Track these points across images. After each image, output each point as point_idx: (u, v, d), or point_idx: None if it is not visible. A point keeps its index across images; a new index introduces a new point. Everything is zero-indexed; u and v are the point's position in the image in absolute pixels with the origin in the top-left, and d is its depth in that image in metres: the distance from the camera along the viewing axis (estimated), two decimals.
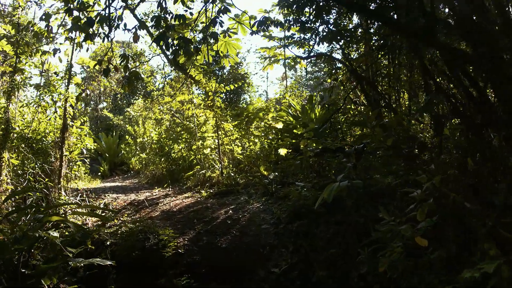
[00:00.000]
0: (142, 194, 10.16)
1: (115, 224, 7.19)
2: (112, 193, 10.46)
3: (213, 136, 11.15)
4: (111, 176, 19.93)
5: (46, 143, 8.39)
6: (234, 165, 10.70)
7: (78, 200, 8.41)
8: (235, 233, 6.12)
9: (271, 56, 14.26)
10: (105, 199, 9.14)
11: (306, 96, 18.49)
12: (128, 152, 19.06)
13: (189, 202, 8.29)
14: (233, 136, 10.80)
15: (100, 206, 8.44)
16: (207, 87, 10.14)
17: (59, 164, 7.79)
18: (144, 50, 18.11)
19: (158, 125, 16.89)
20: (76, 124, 8.50)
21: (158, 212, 7.69)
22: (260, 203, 7.43)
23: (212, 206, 7.61)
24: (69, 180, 8.80)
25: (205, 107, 10.82)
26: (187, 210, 7.53)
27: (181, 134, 12.61)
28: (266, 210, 6.97)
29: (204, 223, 6.61)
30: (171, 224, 6.77)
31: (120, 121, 23.50)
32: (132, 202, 8.86)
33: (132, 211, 8.08)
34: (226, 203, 7.82)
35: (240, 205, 7.50)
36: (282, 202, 7.21)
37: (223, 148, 10.81)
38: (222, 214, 7.01)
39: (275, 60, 14.41)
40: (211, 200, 8.30)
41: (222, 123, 10.48)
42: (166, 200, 8.74)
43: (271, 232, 6.09)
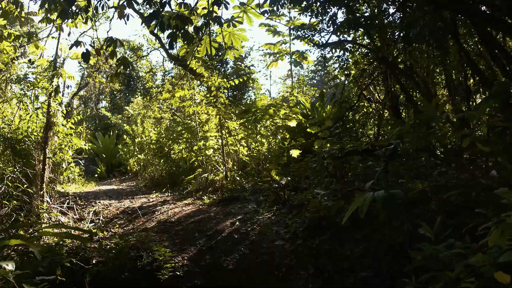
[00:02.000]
0: (137, 200, 9.23)
1: (104, 237, 6.27)
2: (105, 198, 9.55)
3: (216, 136, 10.24)
4: (108, 178, 19.04)
5: (29, 144, 7.48)
6: (239, 167, 9.78)
7: (64, 208, 7.49)
8: (243, 251, 5.19)
9: (276, 53, 13.37)
10: (95, 206, 8.21)
11: (314, 94, 17.60)
12: (126, 153, 18.14)
13: (190, 211, 7.36)
14: (238, 135, 9.88)
15: (89, 215, 7.53)
16: (210, 81, 9.22)
17: (41, 167, 6.86)
18: (142, 44, 17.25)
19: (157, 124, 15.99)
20: (62, 122, 7.57)
21: (154, 223, 6.77)
22: (271, 213, 6.51)
23: (216, 216, 6.68)
24: (55, 184, 7.86)
25: (207, 104, 9.91)
26: (187, 221, 6.61)
27: (182, 134, 11.70)
28: (279, 221, 6.04)
29: (206, 238, 5.68)
30: (169, 238, 5.85)
31: (118, 120, 22.60)
32: (125, 210, 7.94)
33: (125, 220, 7.16)
34: (232, 212, 6.90)
35: (248, 215, 6.57)
36: (297, 212, 6.29)
37: (227, 149, 9.90)
38: (227, 226, 6.08)
39: (280, 57, 13.52)
40: (214, 208, 7.38)
41: (226, 121, 9.56)
42: (163, 208, 7.82)
43: (287, 249, 5.16)
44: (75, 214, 7.50)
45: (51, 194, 7.68)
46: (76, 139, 7.86)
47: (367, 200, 4.41)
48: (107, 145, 20.34)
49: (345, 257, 4.84)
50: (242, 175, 9.12)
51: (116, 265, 5.07)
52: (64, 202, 7.87)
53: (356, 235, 5.15)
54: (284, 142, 8.07)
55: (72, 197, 8.58)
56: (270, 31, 12.37)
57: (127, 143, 17.88)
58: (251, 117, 7.89)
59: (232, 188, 8.68)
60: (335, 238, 5.16)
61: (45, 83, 7.24)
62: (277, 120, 10.25)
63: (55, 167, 7.71)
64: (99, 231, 6.52)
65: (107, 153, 20.21)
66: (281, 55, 13.18)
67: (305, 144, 8.37)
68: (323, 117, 9.94)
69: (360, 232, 5.16)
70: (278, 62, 13.29)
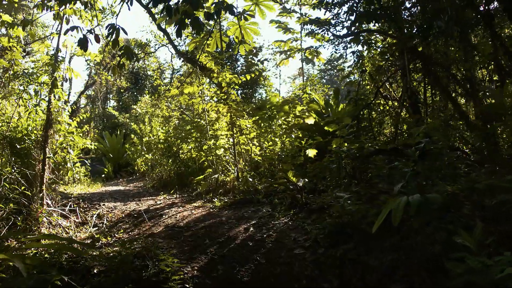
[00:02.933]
0: (144, 202, 8.81)
1: (107, 243, 5.84)
2: (110, 200, 9.14)
3: (227, 135, 9.78)
4: (115, 179, 18.70)
5: (29, 143, 7.08)
6: (251, 168, 9.32)
7: (66, 211, 7.07)
8: (259, 260, 4.72)
9: (287, 50, 12.97)
10: (99, 209, 7.79)
11: (327, 91, 17.12)
12: (134, 153, 17.77)
13: (200, 215, 6.91)
14: (250, 134, 9.41)
15: (93, 218, 7.11)
16: (220, 77, 8.76)
17: (41, 168, 6.44)
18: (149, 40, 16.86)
19: (165, 123, 15.58)
20: (66, 120, 7.15)
21: (161, 228, 6.33)
22: (288, 218, 6.03)
23: (228, 221, 6.22)
24: (58, 186, 7.46)
25: (217, 101, 9.45)
26: (197, 226, 6.15)
27: (191, 133, 11.27)
28: (297, 227, 5.56)
29: (218, 245, 5.21)
30: (177, 245, 5.39)
31: (126, 119, 22.26)
32: (131, 213, 7.51)
33: (130, 225, 6.73)
34: (245, 216, 6.43)
35: (262, 219, 6.10)
36: (316, 216, 5.81)
37: (238, 148, 9.44)
38: (241, 232, 5.61)
39: (292, 53, 13.09)
40: (226, 212, 6.92)
41: (238, 119, 9.10)
42: (171, 211, 7.37)
43: (307, 259, 4.67)
44: (78, 217, 7.09)
45: (53, 196, 7.28)
46: (78, 138, 7.45)
47: (401, 205, 3.94)
48: (114, 145, 19.99)
49: (373, 269, 4.35)
50: (255, 176, 8.65)
51: (119, 276, 4.62)
52: (66, 205, 7.45)
53: (384, 243, 4.67)
54: (301, 141, 7.58)
55: (75, 199, 8.17)
56: (281, 27, 11.92)
57: (135, 143, 17.52)
58: (265, 115, 7.42)
59: (244, 190, 8.22)
60: (361, 247, 4.68)
61: (45, 78, 6.82)
62: (289, 119, 9.78)
63: (58, 167, 7.29)
64: (102, 237, 6.10)
65: (114, 153, 19.86)
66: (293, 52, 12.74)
67: (320, 143, 7.92)
68: (338, 115, 9.45)
69: (388, 240, 4.69)
70: (289, 60, 12.87)
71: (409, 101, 9.76)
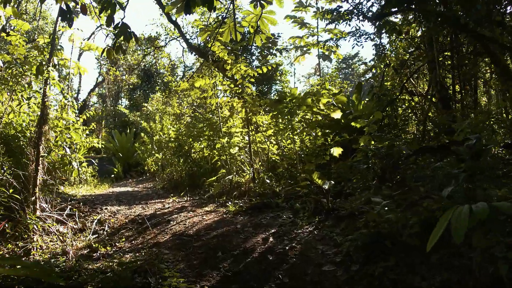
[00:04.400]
0: (151, 205, 8.14)
1: (106, 254, 5.18)
2: (114, 203, 8.49)
3: (242, 132, 9.08)
4: (125, 179, 18.16)
5: (25, 141, 6.47)
6: (268, 168, 8.60)
7: (64, 216, 6.43)
8: (282, 279, 3.99)
9: (303, 46, 12.31)
10: (101, 213, 7.14)
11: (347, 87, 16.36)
12: (144, 152, 17.16)
13: (212, 221, 6.21)
14: (267, 131, 8.69)
15: (93, 224, 6.45)
16: (234, 68, 8.05)
17: (34, 168, 5.81)
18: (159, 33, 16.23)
19: (177, 121, 14.94)
20: (61, 115, 6.51)
21: (168, 236, 5.64)
22: (313, 226, 5.29)
23: (244, 229, 5.50)
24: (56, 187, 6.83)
25: (232, 95, 8.76)
26: (209, 234, 5.44)
27: (203, 131, 10.60)
28: (324, 237, 4.83)
29: (233, 259, 4.50)
30: (185, 258, 4.70)
31: (136, 117, 21.68)
32: (135, 218, 6.84)
33: (134, 232, 6.06)
34: (263, 223, 5.71)
35: (283, 228, 5.37)
36: (346, 225, 5.07)
37: (254, 147, 8.72)
38: (259, 243, 4.89)
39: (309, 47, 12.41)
40: (241, 218, 6.20)
41: (254, 115, 8.39)
42: (180, 217, 6.69)
43: (339, 278, 3.93)
44: (76, 223, 6.45)
45: (50, 199, 6.65)
46: (75, 135, 6.81)
47: (463, 215, 3.15)
48: (123, 144, 19.42)
49: None
50: (272, 177, 7.93)
51: None
52: (65, 209, 6.83)
53: (431, 260, 3.93)
54: (327, 137, 6.84)
55: (75, 202, 7.55)
56: (297, 22, 11.24)
57: (145, 142, 16.93)
58: (285, 109, 6.69)
59: (261, 193, 7.51)
60: (403, 264, 3.94)
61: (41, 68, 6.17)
62: (307, 116, 9.04)
63: (55, 167, 6.66)
64: (101, 246, 5.43)
65: (123, 152, 19.30)
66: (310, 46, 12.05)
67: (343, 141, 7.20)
68: (361, 111, 8.70)
69: (435, 255, 3.95)
70: (305, 56, 12.22)
71: (438, 95, 9.03)
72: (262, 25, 9.65)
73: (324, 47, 12.86)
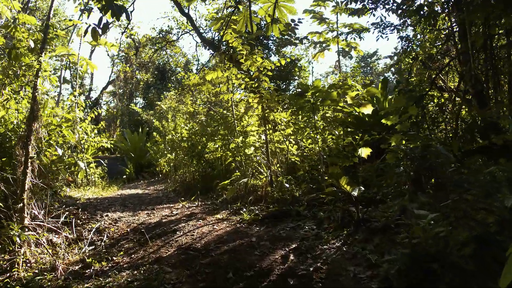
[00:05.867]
0: (158, 211, 7.47)
1: (100, 270, 4.51)
2: (117, 209, 7.84)
3: (258, 131, 8.35)
4: (136, 180, 17.60)
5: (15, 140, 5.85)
6: (287, 170, 7.85)
7: (59, 224, 5.80)
8: None
9: (322, 42, 11.59)
10: (101, 221, 6.48)
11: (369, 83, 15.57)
12: (156, 152, 16.56)
13: (223, 231, 5.49)
14: (285, 130, 7.94)
15: (90, 233, 5.80)
16: (249, 60, 7.32)
17: (22, 170, 5.16)
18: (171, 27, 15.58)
19: (191, 120, 14.29)
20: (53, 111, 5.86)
21: (172, 249, 4.94)
22: (341, 240, 4.53)
23: (260, 243, 4.76)
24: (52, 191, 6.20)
25: (247, 89, 8.04)
26: (219, 249, 4.72)
27: (218, 130, 9.92)
28: (355, 256, 4.06)
29: (246, 282, 3.76)
30: (189, 280, 3.98)
31: (149, 116, 21.11)
32: (138, 227, 6.17)
33: (135, 244, 5.37)
34: (282, 236, 4.97)
35: (306, 242, 4.62)
36: (380, 240, 4.30)
37: (272, 147, 7.98)
38: (277, 261, 4.15)
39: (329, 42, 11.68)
40: (257, 229, 5.47)
41: (271, 112, 7.65)
42: (189, 226, 5.99)
43: None
44: (72, 232, 5.80)
45: (45, 204, 6.03)
46: (68, 133, 6.14)
47: None
48: (135, 144, 18.86)
49: None
50: (292, 181, 7.18)
51: None
52: (62, 215, 6.20)
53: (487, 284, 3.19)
54: (355, 137, 6.07)
55: (74, 208, 6.91)
56: (316, 18, 10.54)
57: (157, 141, 16.33)
58: (308, 103, 5.93)
59: (279, 198, 6.77)
60: None
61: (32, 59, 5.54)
62: (328, 114, 8.27)
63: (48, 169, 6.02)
64: (96, 261, 4.77)
65: (135, 152, 18.74)
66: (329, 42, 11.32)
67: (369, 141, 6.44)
68: (388, 109, 7.91)
69: (494, 278, 3.16)
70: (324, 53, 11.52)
71: (473, 91, 8.22)
72: (280, 14, 8.92)
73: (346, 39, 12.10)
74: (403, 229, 4.43)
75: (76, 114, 11.91)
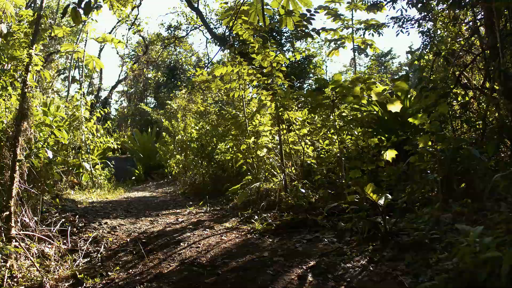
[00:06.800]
0: (163, 218, 6.97)
1: None
2: (120, 214, 7.37)
3: (271, 131, 7.80)
4: (145, 181, 17.17)
5: None
6: (302, 174, 7.28)
7: (53, 233, 5.31)
8: None
9: (337, 39, 11.08)
10: (99, 229, 5.98)
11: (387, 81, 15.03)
12: (165, 153, 16.11)
13: (232, 243, 4.95)
14: (301, 130, 7.38)
15: (86, 243, 5.31)
16: (261, 53, 6.78)
17: (10, 175, 4.68)
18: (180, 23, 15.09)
19: (201, 119, 13.82)
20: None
21: (174, 264, 4.42)
22: (366, 257, 3.95)
23: (273, 258, 4.20)
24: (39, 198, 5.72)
25: (259, 86, 7.50)
26: (226, 265, 4.17)
27: (229, 130, 9.41)
28: (385, 278, 3.48)
29: None
30: None
31: (159, 116, 20.66)
32: (139, 236, 5.66)
33: (134, 256, 4.86)
34: (298, 250, 4.41)
35: (326, 258, 4.04)
36: (413, 258, 3.70)
37: (286, 148, 7.43)
38: (293, 283, 3.58)
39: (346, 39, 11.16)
40: (269, 241, 4.92)
41: (285, 110, 7.09)
42: (194, 236, 5.46)
43: None
44: (67, 242, 5.31)
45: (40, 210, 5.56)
46: (60, 133, 5.64)
47: None
48: (144, 144, 18.43)
49: None
50: (308, 186, 6.62)
51: None
52: (57, 222, 5.72)
53: None
54: (382, 137, 5.49)
55: (71, 215, 6.43)
56: (330, 14, 10.02)
57: (167, 142, 15.88)
58: (328, 100, 5.36)
59: (294, 205, 6.22)
60: None
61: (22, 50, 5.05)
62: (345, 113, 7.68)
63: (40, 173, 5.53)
64: (89, 276, 4.25)
65: (144, 153, 18.31)
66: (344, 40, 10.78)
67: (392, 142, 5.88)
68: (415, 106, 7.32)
69: None
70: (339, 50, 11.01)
71: (502, 87, 7.60)
72: (294, 6, 8.37)
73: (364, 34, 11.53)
74: (438, 245, 3.84)
75: (81, 113, 11.51)
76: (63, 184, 10.13)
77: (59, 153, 10.29)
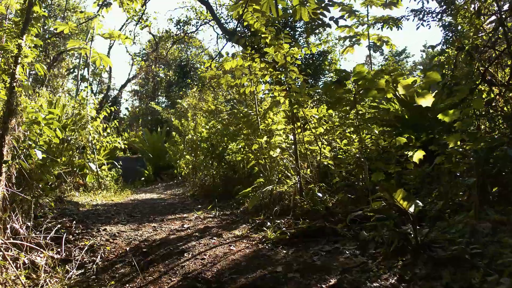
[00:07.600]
0: (167, 224, 6.51)
1: None
2: (122, 219, 6.94)
3: (285, 129, 7.31)
4: (155, 182, 16.78)
5: None
6: (319, 176, 6.77)
7: (47, 240, 4.88)
8: None
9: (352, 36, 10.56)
10: (97, 236, 5.53)
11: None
12: (175, 153, 15.70)
13: (241, 255, 4.46)
14: (317, 129, 6.87)
15: (82, 252, 4.86)
16: (275, 45, 6.28)
17: None
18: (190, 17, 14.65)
19: (212, 118, 13.38)
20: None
21: (176, 278, 3.94)
22: (395, 274, 3.42)
23: (287, 275, 3.69)
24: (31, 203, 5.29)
25: (272, 81, 7.01)
26: (234, 283, 3.68)
27: (241, 129, 8.94)
28: None
29: None
30: None
31: (170, 115, 20.26)
32: (140, 245, 5.19)
33: (133, 268, 4.39)
34: (316, 265, 3.89)
35: (348, 275, 3.52)
36: (451, 276, 3.18)
37: (301, 148, 6.93)
38: None
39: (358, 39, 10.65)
40: (283, 252, 4.41)
41: (300, 107, 6.58)
42: (200, 245, 4.98)
43: None
44: (61, 250, 4.88)
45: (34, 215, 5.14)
46: (49, 131, 5.18)
47: None
48: (154, 144, 18.04)
49: None
50: (325, 190, 6.10)
51: None
52: (52, 228, 5.29)
53: None
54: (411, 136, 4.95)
55: (68, 220, 6.00)
56: (345, 10, 9.54)
57: (176, 141, 15.46)
58: (348, 94, 4.84)
59: (310, 210, 5.71)
60: None
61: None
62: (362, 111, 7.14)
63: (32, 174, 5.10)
64: None
65: (154, 153, 17.92)
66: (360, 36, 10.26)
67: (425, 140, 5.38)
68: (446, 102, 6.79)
69: None
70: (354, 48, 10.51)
71: None
72: None
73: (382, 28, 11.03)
74: (480, 261, 3.31)
75: (87, 112, 11.14)
76: (67, 186, 9.77)
77: (63, 153, 9.93)
